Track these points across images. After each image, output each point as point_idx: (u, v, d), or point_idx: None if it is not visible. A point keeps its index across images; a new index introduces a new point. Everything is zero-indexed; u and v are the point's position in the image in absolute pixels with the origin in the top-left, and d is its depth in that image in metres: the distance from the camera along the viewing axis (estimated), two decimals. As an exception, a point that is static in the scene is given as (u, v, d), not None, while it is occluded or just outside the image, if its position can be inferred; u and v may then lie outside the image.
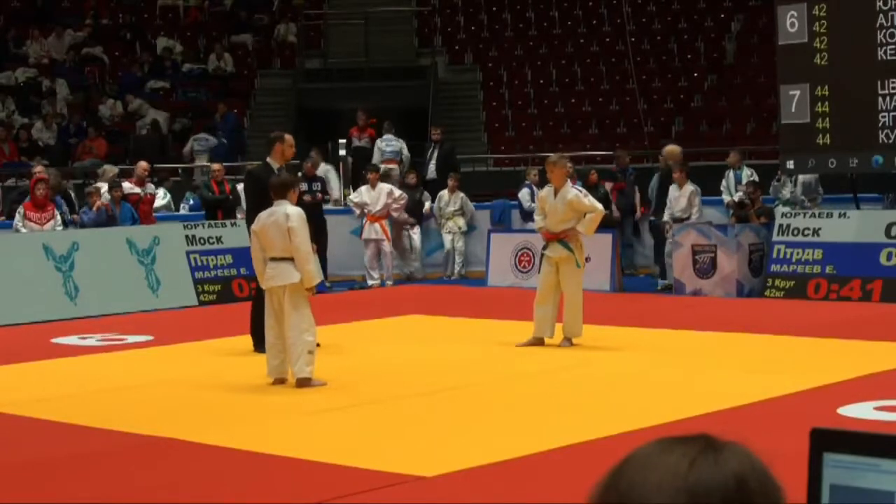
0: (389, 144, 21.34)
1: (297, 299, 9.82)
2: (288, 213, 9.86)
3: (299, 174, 18.40)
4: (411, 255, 19.33)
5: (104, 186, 17.64)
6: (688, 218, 16.60)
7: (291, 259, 9.82)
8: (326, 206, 18.82)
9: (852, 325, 12.59)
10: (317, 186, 18.42)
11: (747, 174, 17.50)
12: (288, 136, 11.94)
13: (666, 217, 16.99)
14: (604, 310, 13.76)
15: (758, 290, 15.63)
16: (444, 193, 19.45)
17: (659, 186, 17.48)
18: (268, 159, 11.84)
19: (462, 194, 19.49)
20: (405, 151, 21.44)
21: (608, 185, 19.18)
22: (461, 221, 19.39)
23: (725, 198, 17.60)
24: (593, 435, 7.66)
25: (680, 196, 16.78)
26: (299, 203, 12.00)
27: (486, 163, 24.80)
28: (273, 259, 9.89)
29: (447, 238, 19.46)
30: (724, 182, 17.76)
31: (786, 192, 17.43)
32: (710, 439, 1.52)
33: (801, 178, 17.06)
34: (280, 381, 9.96)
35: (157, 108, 25.54)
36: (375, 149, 21.36)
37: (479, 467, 6.96)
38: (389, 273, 18.33)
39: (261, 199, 10.57)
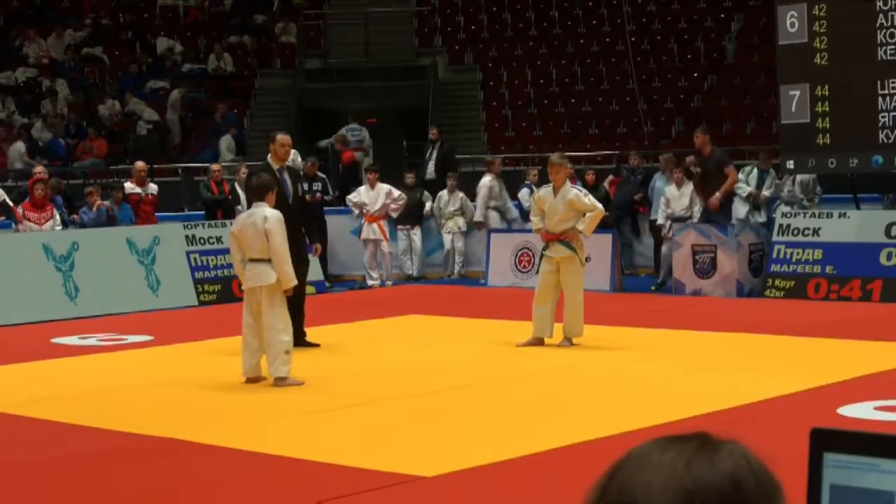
0: (354, 133, 22.69)
1: (274, 300, 9.89)
2: (266, 215, 9.91)
3: (301, 173, 18.40)
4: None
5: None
6: (689, 217, 16.60)
7: (269, 260, 9.88)
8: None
9: (852, 325, 12.59)
10: (317, 186, 18.40)
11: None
12: (280, 136, 11.82)
13: (661, 219, 16.91)
14: (604, 310, 13.76)
15: (758, 290, 15.63)
16: (444, 193, 19.45)
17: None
18: (268, 159, 11.83)
19: (461, 194, 19.49)
20: (367, 139, 23.06)
21: (608, 179, 19.25)
22: (461, 221, 19.38)
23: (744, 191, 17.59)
24: (593, 435, 7.66)
25: (681, 196, 16.77)
26: (302, 203, 12.02)
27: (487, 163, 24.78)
28: (251, 260, 9.96)
29: (447, 238, 19.45)
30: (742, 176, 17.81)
31: (784, 192, 17.44)
32: (707, 438, 1.51)
33: (798, 177, 17.07)
34: (254, 381, 9.97)
35: (157, 108, 25.54)
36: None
37: (479, 467, 6.96)
38: (389, 273, 18.33)
39: None
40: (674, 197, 16.83)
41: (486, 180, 18.84)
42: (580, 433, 7.76)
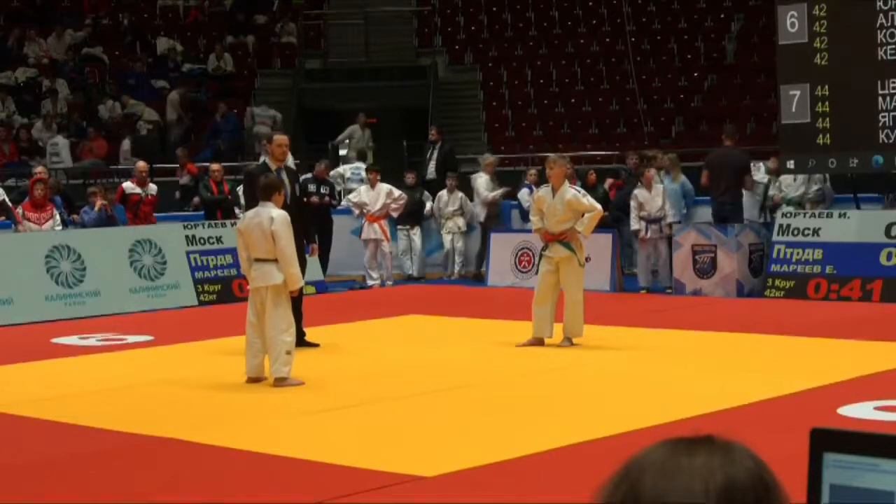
0: (263, 112, 24.77)
1: (278, 300, 9.90)
2: (272, 216, 9.91)
3: (310, 175, 18.40)
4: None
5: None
6: (664, 217, 16.55)
7: (274, 260, 9.89)
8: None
9: (852, 325, 12.59)
10: (325, 189, 18.37)
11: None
12: (278, 137, 11.83)
13: (635, 224, 16.67)
14: (604, 310, 13.76)
15: (758, 290, 15.63)
16: (443, 193, 19.45)
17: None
18: (266, 159, 11.83)
19: (461, 194, 19.48)
20: (279, 118, 24.66)
21: (608, 182, 19.21)
22: (461, 221, 19.38)
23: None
24: (593, 435, 7.66)
25: (654, 197, 16.66)
26: (307, 205, 12.01)
27: (487, 163, 24.77)
28: (257, 260, 9.97)
29: (447, 238, 19.45)
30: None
31: (792, 192, 17.34)
32: (717, 439, 1.52)
33: (801, 177, 17.05)
34: (255, 380, 9.97)
35: (156, 108, 25.55)
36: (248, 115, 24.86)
37: (479, 467, 6.96)
38: (389, 273, 18.32)
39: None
40: (646, 200, 16.69)
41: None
42: (580, 433, 7.76)
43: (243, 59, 27.60)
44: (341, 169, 21.12)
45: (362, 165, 20.58)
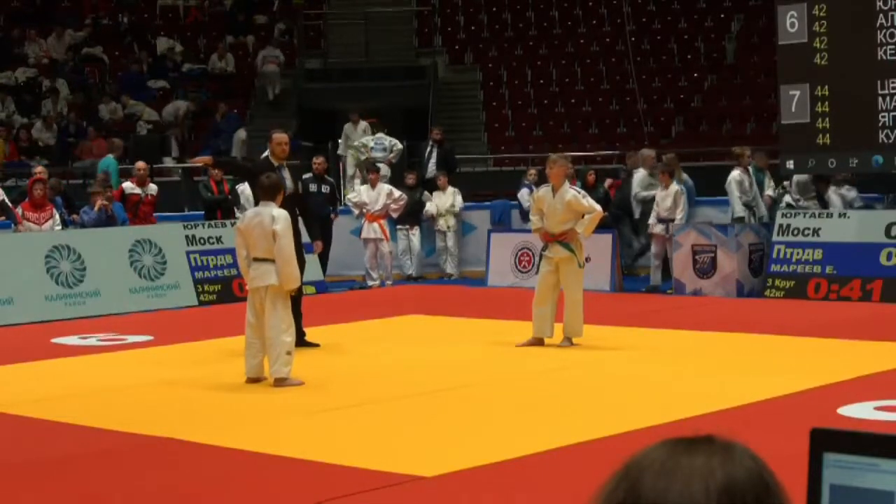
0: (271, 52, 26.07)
1: (277, 300, 9.88)
2: (273, 215, 9.91)
3: (310, 174, 18.38)
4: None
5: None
6: (673, 219, 16.51)
7: (274, 260, 9.87)
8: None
9: (852, 325, 12.59)
10: (326, 188, 18.34)
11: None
12: (277, 136, 11.85)
13: (651, 219, 16.67)
14: (604, 310, 13.76)
15: (758, 290, 15.63)
16: (438, 193, 19.45)
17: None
18: (270, 157, 11.86)
19: (453, 189, 19.46)
20: (282, 58, 26.07)
21: (608, 182, 19.20)
22: (451, 220, 19.36)
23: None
24: (593, 435, 7.66)
25: (666, 196, 16.64)
26: (299, 200, 12.00)
27: (486, 163, 24.81)
28: (256, 260, 9.96)
29: (439, 236, 19.45)
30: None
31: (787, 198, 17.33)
32: (717, 439, 1.52)
33: (795, 177, 17.03)
34: (255, 381, 9.97)
35: (156, 108, 25.55)
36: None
37: (479, 467, 6.96)
38: (389, 273, 18.31)
39: None
40: (660, 199, 16.60)
41: (735, 174, 17.72)
42: (580, 433, 7.75)
43: (243, 59, 27.60)
44: (364, 139, 20.89)
45: (384, 137, 20.55)
